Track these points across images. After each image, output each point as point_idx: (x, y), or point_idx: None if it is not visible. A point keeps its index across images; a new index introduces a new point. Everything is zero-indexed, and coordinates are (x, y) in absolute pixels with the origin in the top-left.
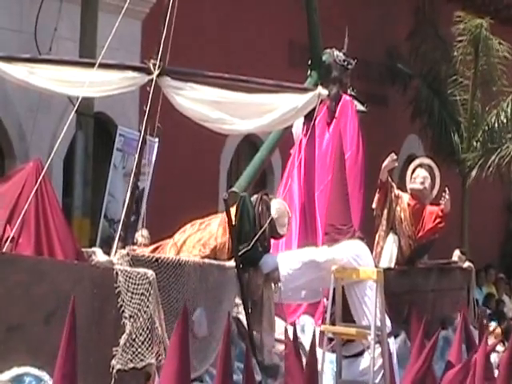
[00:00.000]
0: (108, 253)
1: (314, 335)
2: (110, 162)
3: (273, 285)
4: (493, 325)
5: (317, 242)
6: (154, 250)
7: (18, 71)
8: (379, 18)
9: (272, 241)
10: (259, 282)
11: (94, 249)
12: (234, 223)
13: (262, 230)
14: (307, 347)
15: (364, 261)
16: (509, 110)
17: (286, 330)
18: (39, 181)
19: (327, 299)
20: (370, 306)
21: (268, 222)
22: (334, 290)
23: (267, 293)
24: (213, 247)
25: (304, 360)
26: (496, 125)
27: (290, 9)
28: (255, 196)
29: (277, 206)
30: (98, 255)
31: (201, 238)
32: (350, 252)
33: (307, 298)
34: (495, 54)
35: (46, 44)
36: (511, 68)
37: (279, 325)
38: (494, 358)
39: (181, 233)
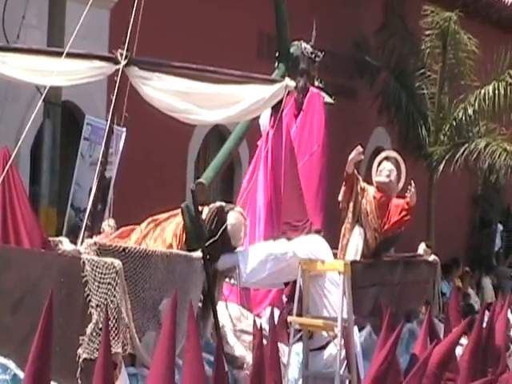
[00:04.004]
0: (74, 242)
1: (274, 325)
2: (78, 150)
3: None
4: None
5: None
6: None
7: None
8: (348, 10)
9: None
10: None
11: (60, 238)
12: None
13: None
14: None
15: (321, 255)
16: (476, 105)
17: (254, 322)
18: (6, 169)
19: (286, 296)
20: (331, 300)
21: (220, 233)
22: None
23: (218, 289)
24: None
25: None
26: (463, 119)
27: None
28: (211, 206)
29: (232, 221)
30: (65, 244)
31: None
32: (308, 247)
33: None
34: (463, 48)
35: (14, 32)
36: (479, 62)
37: (246, 316)
38: (458, 350)
39: (136, 233)
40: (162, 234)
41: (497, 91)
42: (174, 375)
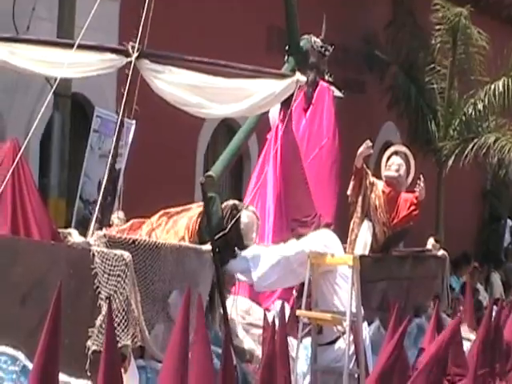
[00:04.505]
0: (83, 234)
1: (284, 319)
2: (87, 143)
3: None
4: None
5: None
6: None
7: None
8: (357, 4)
9: None
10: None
11: (69, 230)
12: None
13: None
14: None
15: (332, 249)
16: (486, 100)
17: (265, 315)
18: (16, 161)
19: (296, 291)
20: (341, 295)
21: (233, 228)
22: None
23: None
24: None
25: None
26: (473, 114)
27: None
28: (224, 204)
29: (245, 220)
30: (74, 236)
31: (166, 240)
32: (319, 242)
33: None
34: (473, 44)
35: (24, 24)
36: (489, 58)
37: (255, 310)
38: (466, 346)
39: (147, 226)
40: (175, 227)
41: (506, 86)
42: (187, 369)
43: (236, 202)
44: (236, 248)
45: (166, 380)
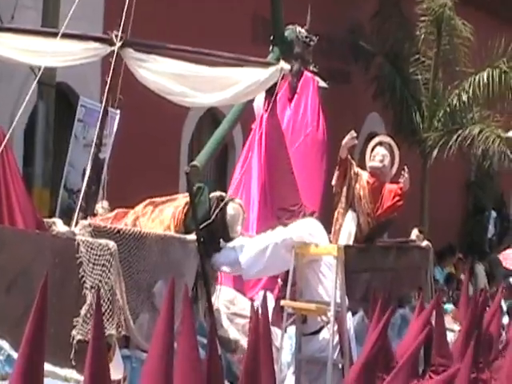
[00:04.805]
0: (67, 223)
1: (266, 308)
2: (71, 132)
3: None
4: (448, 307)
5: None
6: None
7: None
8: None
9: None
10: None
11: (54, 219)
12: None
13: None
14: None
15: (318, 238)
16: (470, 91)
17: (252, 306)
18: (1, 149)
19: (282, 280)
20: (326, 284)
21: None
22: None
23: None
24: None
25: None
26: (457, 105)
27: None
28: (210, 195)
29: (231, 212)
30: (59, 225)
31: (151, 228)
32: (305, 230)
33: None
34: (458, 35)
35: (8, 13)
36: (473, 49)
37: (239, 300)
38: (450, 337)
39: (132, 214)
40: (160, 216)
41: (491, 78)
42: (172, 359)
43: (223, 193)
44: (221, 240)
45: (152, 370)
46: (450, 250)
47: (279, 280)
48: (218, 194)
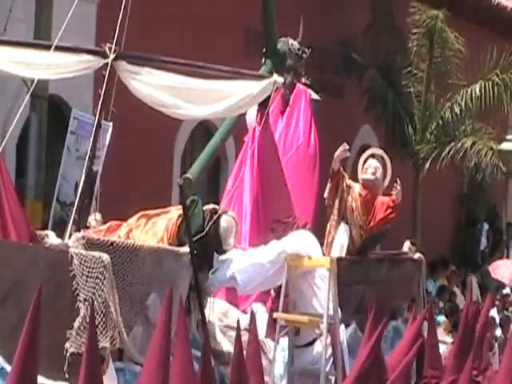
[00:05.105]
0: (60, 236)
1: (255, 321)
2: (64, 144)
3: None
4: (441, 319)
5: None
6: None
7: None
8: (335, 7)
9: None
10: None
11: (46, 231)
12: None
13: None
14: (260, 335)
15: (312, 249)
16: (463, 103)
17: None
18: None
19: (275, 291)
20: (320, 296)
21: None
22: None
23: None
24: None
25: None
26: (450, 117)
27: None
28: (205, 208)
29: (225, 224)
30: (51, 238)
31: (144, 241)
32: (299, 242)
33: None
34: (450, 47)
35: (1, 25)
36: (466, 61)
37: (232, 313)
38: (442, 349)
39: (126, 227)
40: (154, 228)
41: (483, 90)
42: (168, 372)
43: (216, 206)
44: (215, 252)
45: (147, 382)
46: (442, 263)
47: (272, 291)
48: (211, 206)
